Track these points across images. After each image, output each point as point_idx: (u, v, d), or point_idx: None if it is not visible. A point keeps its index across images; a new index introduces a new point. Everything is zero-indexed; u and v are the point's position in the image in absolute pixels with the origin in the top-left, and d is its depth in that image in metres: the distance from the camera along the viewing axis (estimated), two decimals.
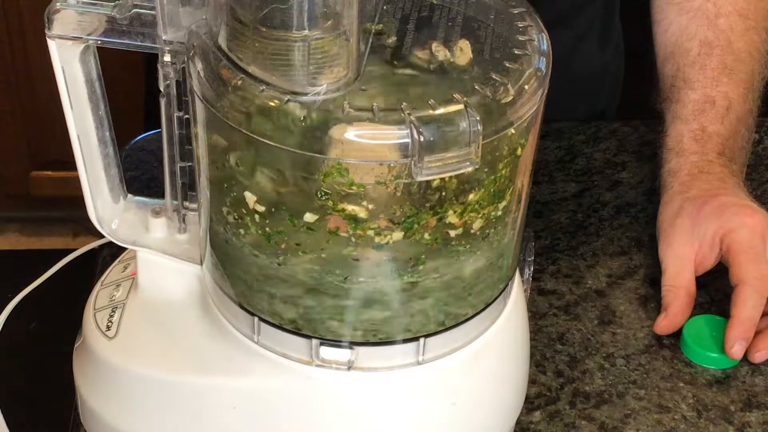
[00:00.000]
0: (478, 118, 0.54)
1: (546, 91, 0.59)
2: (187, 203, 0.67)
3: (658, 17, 0.94)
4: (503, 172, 0.58)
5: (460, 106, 0.54)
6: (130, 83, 1.31)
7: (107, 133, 0.64)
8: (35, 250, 1.93)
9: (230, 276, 0.63)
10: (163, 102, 0.62)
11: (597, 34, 1.06)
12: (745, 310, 0.77)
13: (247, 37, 0.55)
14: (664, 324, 0.80)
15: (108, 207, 0.67)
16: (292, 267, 0.59)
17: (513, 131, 0.57)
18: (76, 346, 0.71)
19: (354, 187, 0.55)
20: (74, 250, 0.84)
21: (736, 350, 0.77)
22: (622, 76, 1.12)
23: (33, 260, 1.02)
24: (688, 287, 0.80)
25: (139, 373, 0.66)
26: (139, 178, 0.92)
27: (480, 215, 0.59)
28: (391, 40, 0.59)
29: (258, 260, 0.60)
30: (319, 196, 0.56)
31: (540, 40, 0.60)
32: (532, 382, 0.76)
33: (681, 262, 0.81)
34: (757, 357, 0.77)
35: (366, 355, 0.61)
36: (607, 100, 1.11)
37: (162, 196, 0.67)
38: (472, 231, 0.59)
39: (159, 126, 0.63)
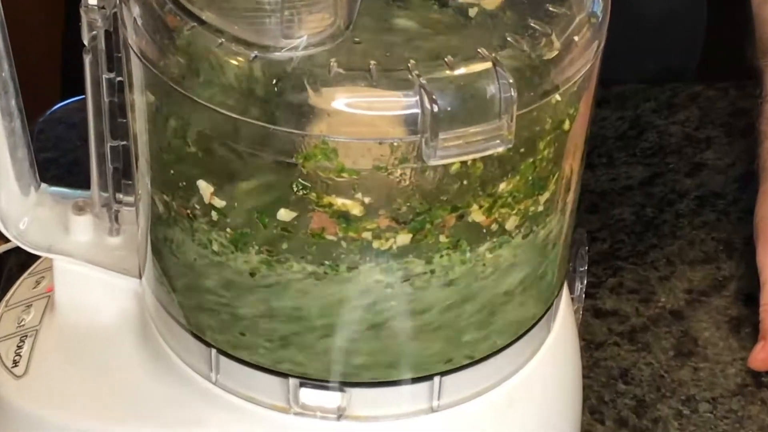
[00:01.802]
0: (511, 81, 0.54)
1: (603, 44, 0.59)
2: (120, 196, 0.67)
3: None
4: (545, 153, 0.58)
5: (488, 65, 0.54)
6: (45, 35, 1.30)
7: (12, 102, 0.64)
8: None
9: (179, 294, 0.63)
10: (87, 60, 0.62)
11: None
12: None
13: None
14: (762, 357, 0.80)
15: (14, 200, 0.67)
16: (262, 281, 0.59)
17: (558, 98, 0.57)
18: None
19: (344, 175, 0.55)
20: None
21: None
22: (704, 24, 1.12)
23: None
24: None
25: (57, 423, 0.66)
26: (57, 161, 0.92)
27: (514, 211, 0.59)
28: None
29: (217, 273, 0.60)
30: (298, 186, 0.56)
31: None
32: None
33: None
34: None
35: (362, 399, 0.62)
36: (684, 55, 1.11)
37: (87, 186, 0.67)
38: (504, 232, 0.59)
39: (82, 92, 0.63)
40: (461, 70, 0.54)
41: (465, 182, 0.57)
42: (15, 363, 0.68)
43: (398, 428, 0.63)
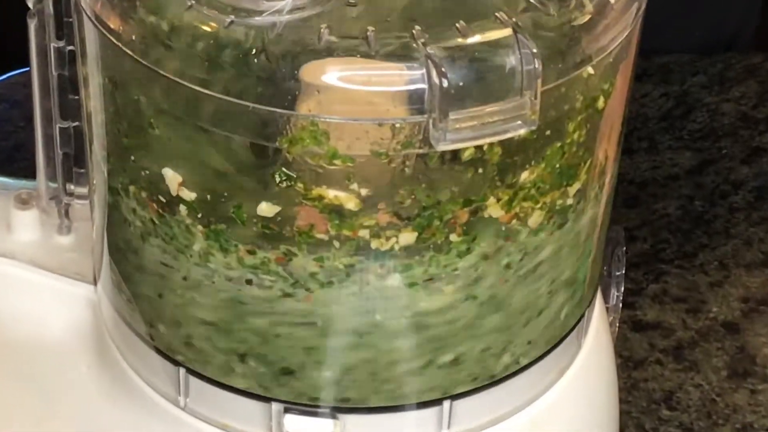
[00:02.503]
0: (534, 51, 0.54)
1: (644, 7, 0.59)
2: (71, 186, 0.67)
3: None
4: (575, 136, 0.58)
5: (507, 32, 0.54)
6: None
7: None
8: None
9: (142, 303, 0.63)
10: (32, 26, 0.62)
11: None
12: None
13: None
14: None
15: None
16: (240, 288, 0.59)
17: (591, 71, 0.57)
18: None
19: (337, 162, 0.55)
20: None
21: None
22: None
23: None
24: None
25: None
26: None
27: (539, 205, 0.59)
28: None
29: (186, 278, 0.60)
30: (282, 176, 0.56)
31: None
32: None
33: None
34: None
35: (358, 427, 0.62)
36: (738, 19, 1.11)
37: (32, 175, 0.67)
38: (526, 230, 0.59)
39: (25, 64, 0.63)
40: (476, 38, 0.54)
41: (480, 171, 0.57)
42: None
43: None
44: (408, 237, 0.58)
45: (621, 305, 0.71)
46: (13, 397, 0.67)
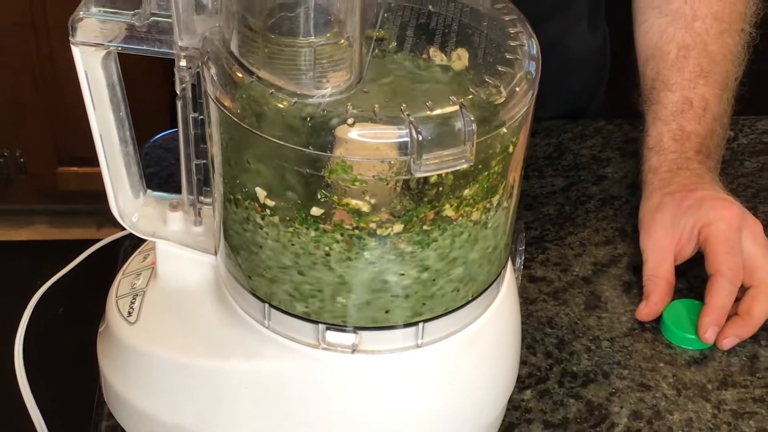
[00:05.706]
0: (472, 119, 0.54)
1: (535, 93, 0.59)
2: (202, 198, 0.67)
3: (640, 19, 0.93)
4: (496, 168, 0.58)
5: (456, 108, 0.54)
6: (153, 85, 1.33)
7: (128, 133, 0.64)
8: (62, 241, 1.93)
9: (242, 265, 0.62)
10: (179, 104, 0.62)
11: (587, 18, 1.04)
12: (718, 299, 0.77)
13: (257, 43, 0.55)
14: (646, 312, 0.80)
15: (129, 201, 0.67)
16: (300, 257, 0.59)
17: (505, 130, 0.57)
18: (99, 330, 0.71)
19: (357, 183, 0.55)
20: (98, 240, 0.84)
21: (709, 335, 0.77)
22: (608, 63, 1.11)
23: (60, 250, 1.02)
24: (667, 277, 0.80)
25: (158, 356, 0.66)
26: (158, 174, 0.92)
27: (475, 208, 0.59)
28: (392, 45, 0.59)
29: (268, 251, 0.60)
30: (322, 194, 0.56)
31: (530, 45, 0.59)
32: (523, 362, 0.76)
33: (661, 253, 0.81)
34: (725, 344, 0.77)
35: (369, 338, 0.61)
36: (597, 82, 1.11)
37: (179, 191, 0.67)
38: (467, 223, 0.59)
39: (175, 126, 0.63)
40: (438, 111, 0.54)
41: (440, 189, 0.57)
42: (129, 314, 0.68)
43: (394, 359, 0.62)
44: (398, 227, 0.57)
45: (522, 267, 0.71)
46: (169, 321, 0.67)
